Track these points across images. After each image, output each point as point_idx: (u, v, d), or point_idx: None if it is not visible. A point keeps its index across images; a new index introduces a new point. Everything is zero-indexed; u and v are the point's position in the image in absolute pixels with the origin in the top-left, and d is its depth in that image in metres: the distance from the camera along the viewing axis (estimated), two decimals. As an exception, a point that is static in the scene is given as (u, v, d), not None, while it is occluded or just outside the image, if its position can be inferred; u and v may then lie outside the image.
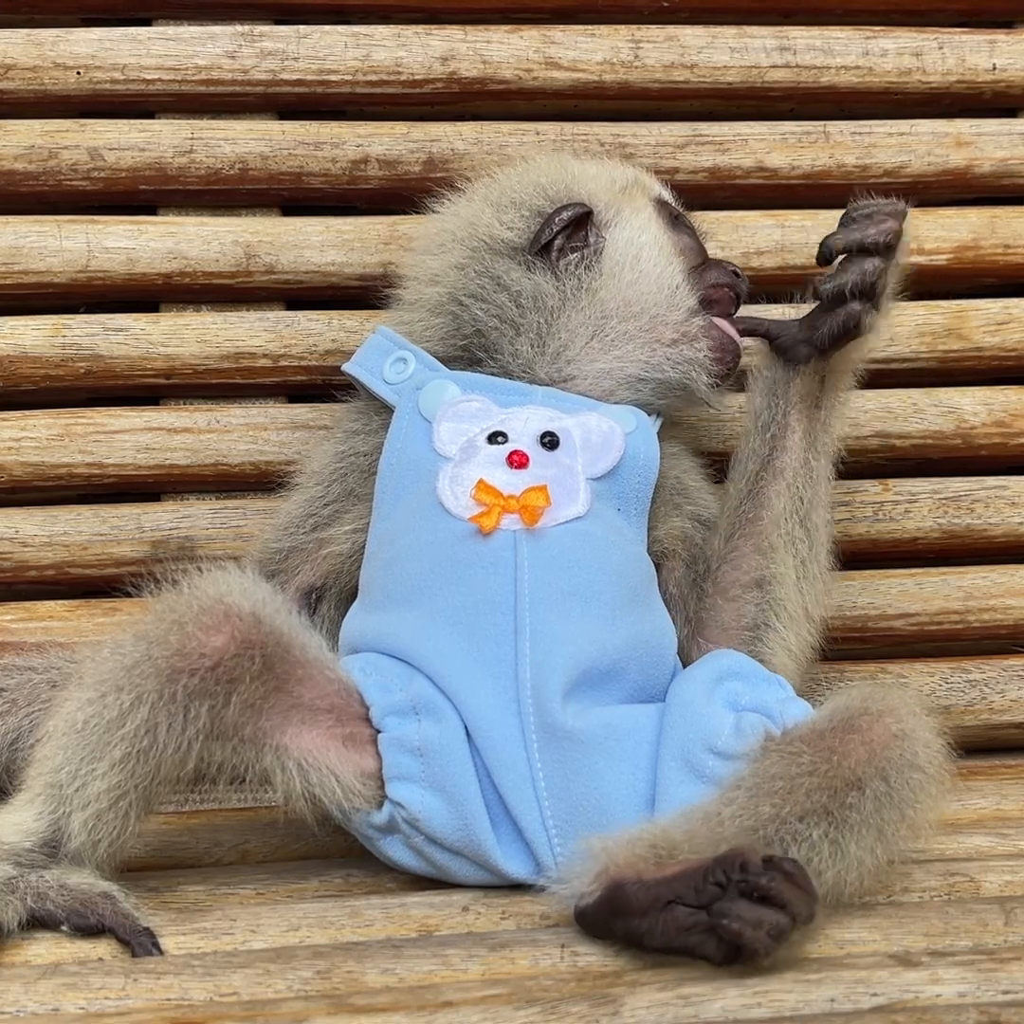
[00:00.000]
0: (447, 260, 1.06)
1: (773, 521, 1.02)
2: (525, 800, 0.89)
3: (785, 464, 1.03)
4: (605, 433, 1.00)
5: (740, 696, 0.92)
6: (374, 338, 1.07)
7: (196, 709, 0.85)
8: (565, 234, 1.04)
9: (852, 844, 0.83)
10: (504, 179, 1.09)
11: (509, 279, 1.04)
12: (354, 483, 1.04)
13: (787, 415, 1.03)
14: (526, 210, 1.05)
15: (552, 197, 1.06)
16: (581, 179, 1.08)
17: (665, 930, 0.79)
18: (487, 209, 1.07)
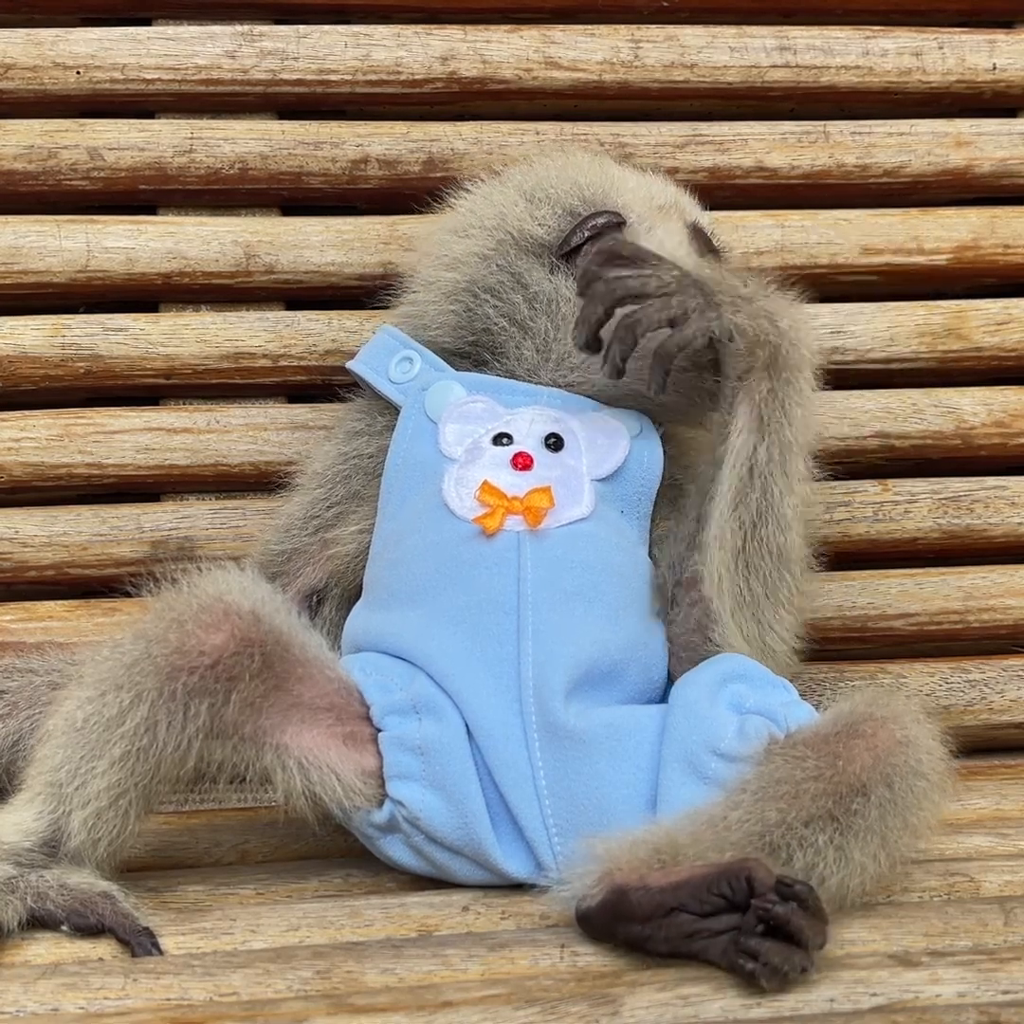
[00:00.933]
0: (471, 247, 1.05)
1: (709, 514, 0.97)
2: (526, 799, 0.89)
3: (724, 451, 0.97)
4: (610, 434, 1.00)
5: (744, 699, 0.92)
6: (380, 336, 1.07)
7: (196, 707, 0.85)
8: (594, 240, 1.02)
9: (857, 850, 0.83)
10: (542, 171, 1.07)
11: (529, 278, 1.03)
12: (358, 485, 1.04)
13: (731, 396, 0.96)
14: (560, 208, 1.04)
15: (588, 200, 1.04)
16: (620, 187, 1.06)
17: (668, 936, 0.79)
18: (520, 200, 1.05)
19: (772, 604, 0.97)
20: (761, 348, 0.95)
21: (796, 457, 0.97)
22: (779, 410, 0.96)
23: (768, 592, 0.97)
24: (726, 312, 0.94)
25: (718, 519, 0.96)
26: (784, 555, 0.97)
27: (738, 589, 0.96)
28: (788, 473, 0.97)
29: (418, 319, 1.06)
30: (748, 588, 0.97)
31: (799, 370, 0.97)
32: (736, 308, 0.94)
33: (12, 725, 0.98)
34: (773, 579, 0.97)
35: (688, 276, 0.95)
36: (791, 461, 0.97)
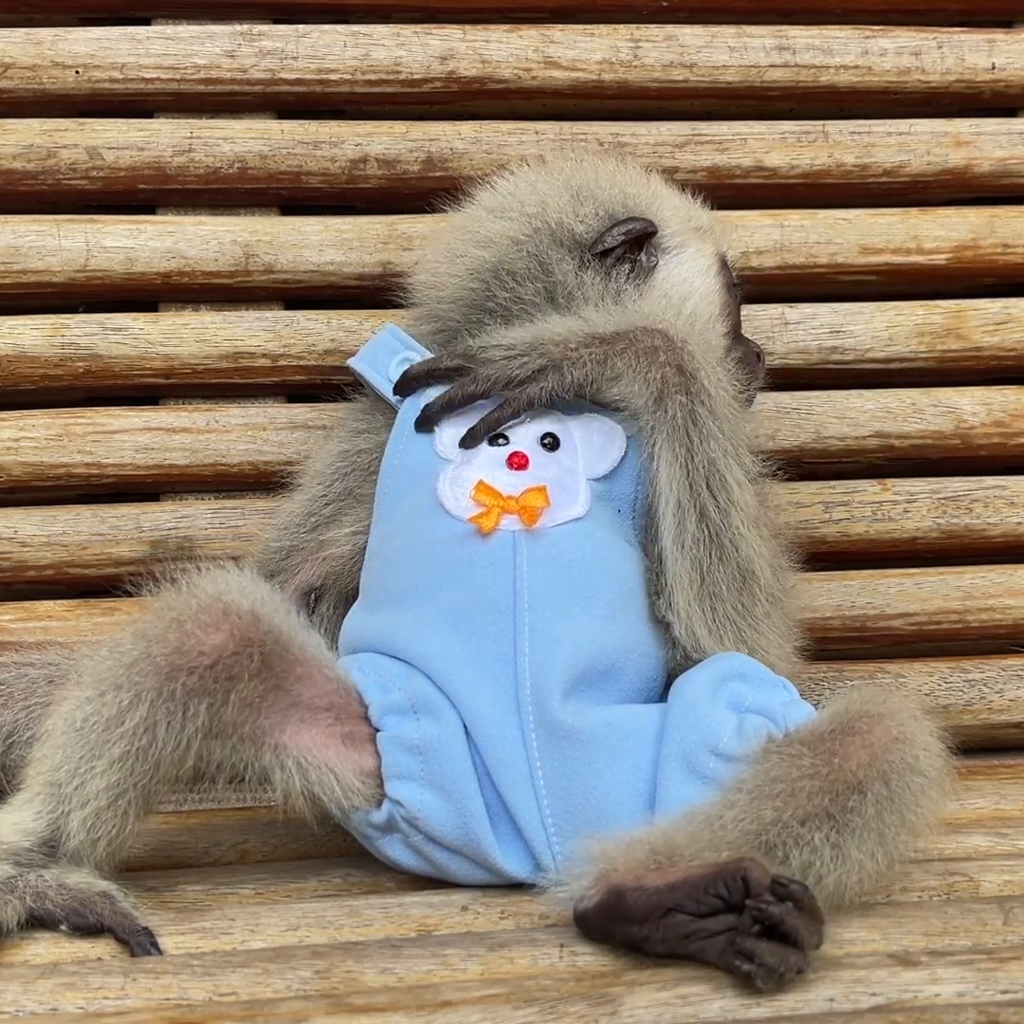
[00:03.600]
0: (506, 228, 1.05)
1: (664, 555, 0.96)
2: (524, 799, 0.89)
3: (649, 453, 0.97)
4: (607, 434, 1.00)
5: (743, 698, 0.92)
6: (382, 336, 1.07)
7: (195, 707, 0.85)
8: (626, 245, 1.03)
9: (853, 848, 0.83)
10: (591, 170, 1.08)
11: (557, 269, 1.03)
12: (354, 483, 1.04)
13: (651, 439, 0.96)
14: (603, 210, 1.04)
15: (630, 207, 1.05)
16: (663, 203, 1.07)
17: (665, 937, 0.79)
18: (565, 193, 1.05)
19: (751, 623, 0.96)
20: (641, 385, 0.95)
21: (729, 468, 0.96)
22: (692, 430, 0.95)
23: (742, 614, 0.96)
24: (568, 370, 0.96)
25: (671, 560, 0.95)
26: (747, 570, 0.96)
27: (711, 623, 0.95)
28: (726, 487, 0.95)
29: (435, 290, 1.06)
30: (722, 617, 0.95)
31: (696, 382, 0.96)
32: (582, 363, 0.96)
33: (7, 716, 0.97)
34: (743, 600, 0.96)
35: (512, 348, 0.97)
36: (725, 474, 0.95)
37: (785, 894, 0.76)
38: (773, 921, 0.75)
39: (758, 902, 0.76)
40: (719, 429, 0.95)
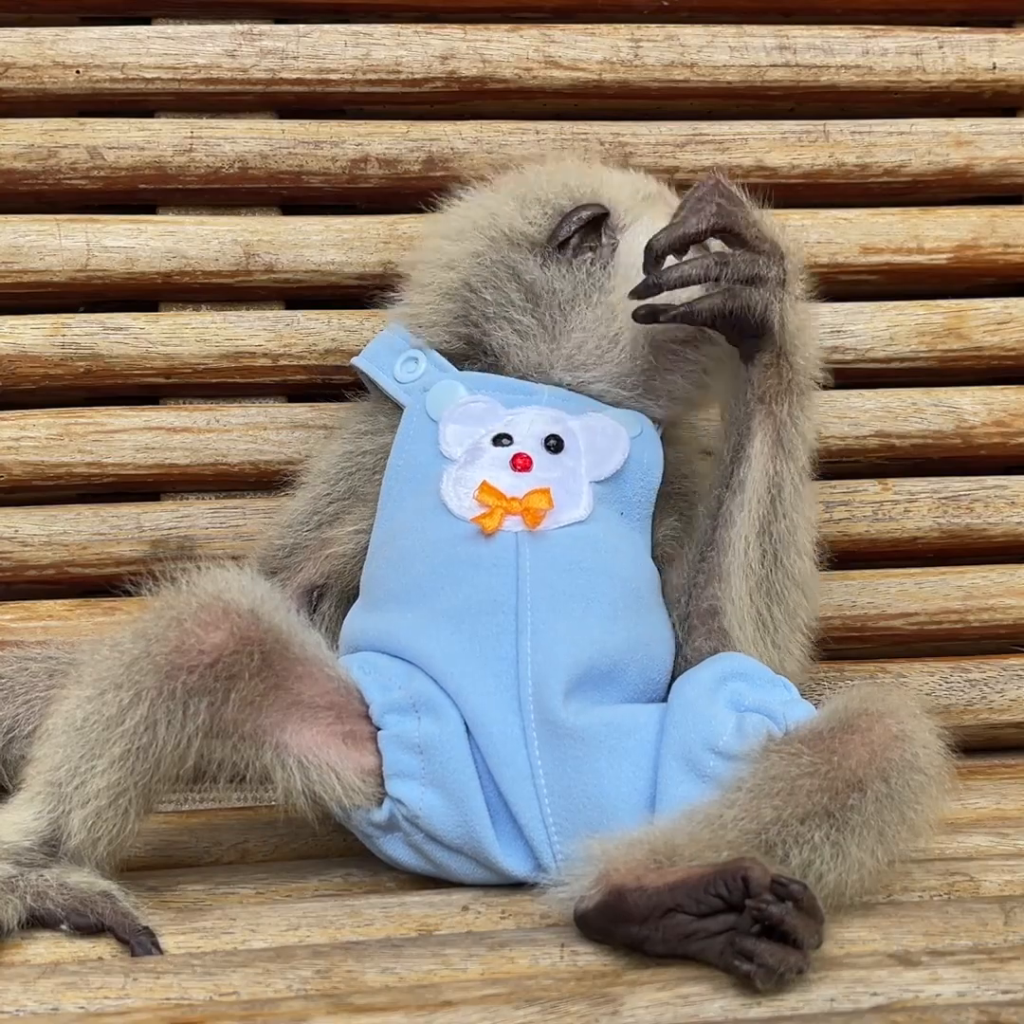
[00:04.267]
0: (465, 247, 1.06)
1: (730, 542, 0.98)
2: (525, 797, 0.89)
3: (746, 475, 0.98)
4: (610, 436, 1.00)
5: (743, 697, 0.92)
6: (387, 335, 1.07)
7: (195, 706, 0.85)
8: (581, 233, 1.04)
9: (853, 846, 0.83)
10: (532, 176, 1.09)
11: (523, 268, 1.03)
12: (358, 482, 1.04)
13: (749, 417, 0.98)
14: (550, 208, 1.05)
15: (576, 198, 1.06)
16: (607, 184, 1.08)
17: (666, 937, 0.79)
18: (511, 202, 1.06)
19: (791, 630, 0.99)
20: (787, 361, 0.97)
21: (808, 480, 0.99)
22: (798, 436, 0.98)
23: (788, 619, 0.98)
24: (788, 303, 0.95)
25: (742, 548, 0.97)
26: (803, 581, 0.98)
27: (760, 618, 0.98)
28: (804, 498, 0.98)
29: (415, 319, 1.06)
30: (771, 616, 0.98)
31: (811, 390, 0.99)
32: (794, 308, 0.96)
33: (8, 710, 0.97)
34: (794, 606, 0.98)
35: (778, 249, 0.96)
36: (807, 486, 0.99)
37: (785, 893, 0.76)
38: (773, 921, 0.75)
39: (758, 902, 0.76)
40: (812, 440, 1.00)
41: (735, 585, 0.98)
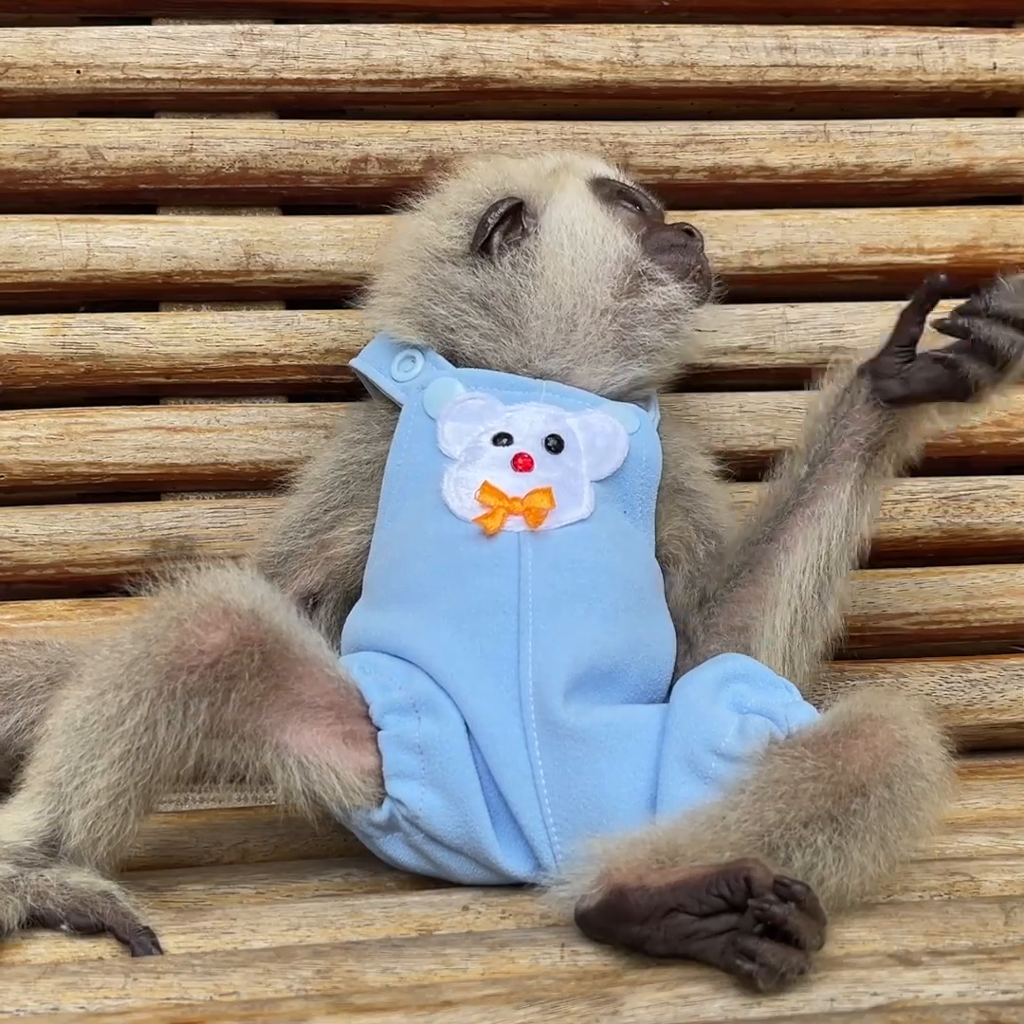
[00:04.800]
0: (403, 273, 1.08)
1: (789, 572, 1.00)
2: (525, 798, 0.89)
3: (824, 512, 1.00)
4: (609, 435, 1.00)
5: (745, 699, 0.92)
6: (384, 336, 1.07)
7: (195, 706, 0.85)
8: (502, 230, 1.05)
9: (856, 850, 0.83)
10: (446, 191, 1.10)
11: (458, 282, 1.05)
12: (356, 489, 1.04)
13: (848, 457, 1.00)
14: (464, 218, 1.07)
15: (487, 200, 1.06)
16: (512, 175, 1.09)
17: (667, 937, 0.79)
18: (430, 223, 1.08)
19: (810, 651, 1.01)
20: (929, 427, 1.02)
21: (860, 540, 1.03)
22: (878, 494, 1.02)
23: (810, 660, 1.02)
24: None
25: (799, 582, 1.00)
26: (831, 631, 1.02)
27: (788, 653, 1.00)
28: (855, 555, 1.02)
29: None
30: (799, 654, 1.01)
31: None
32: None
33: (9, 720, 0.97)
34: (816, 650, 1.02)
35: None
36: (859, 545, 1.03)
37: (788, 894, 0.76)
38: (776, 921, 0.75)
39: (761, 902, 0.76)
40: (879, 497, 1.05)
41: (779, 615, 1.00)
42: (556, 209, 1.05)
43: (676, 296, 1.04)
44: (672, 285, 1.04)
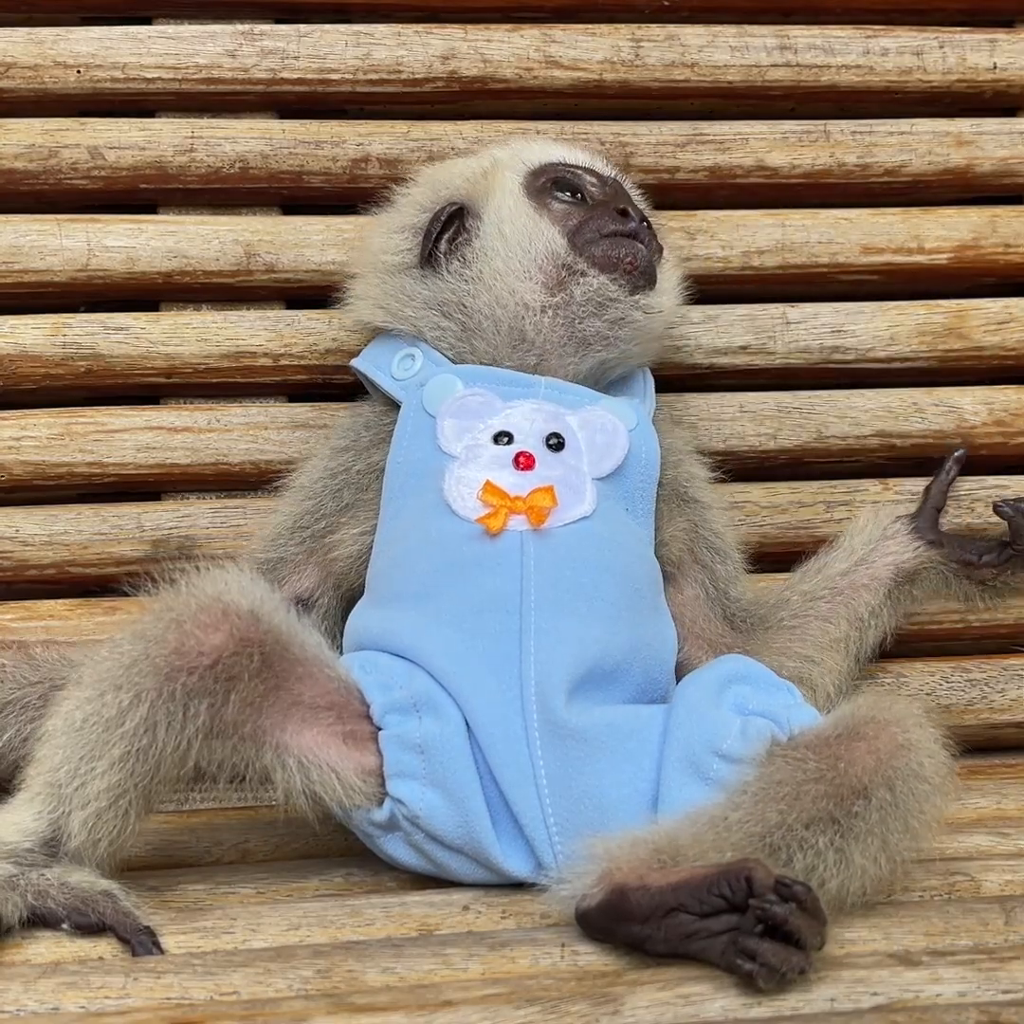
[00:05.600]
0: (365, 285, 1.09)
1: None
2: (526, 797, 0.89)
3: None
4: (609, 432, 1.00)
5: (748, 700, 0.92)
6: (384, 335, 1.08)
7: (195, 707, 0.85)
8: (447, 237, 1.05)
9: (857, 853, 0.83)
10: (397, 202, 1.11)
11: (412, 292, 1.05)
12: (350, 498, 1.05)
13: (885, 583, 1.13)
14: (410, 231, 1.07)
15: (429, 208, 1.07)
16: (453, 179, 1.09)
17: (668, 937, 0.79)
18: (382, 238, 1.09)
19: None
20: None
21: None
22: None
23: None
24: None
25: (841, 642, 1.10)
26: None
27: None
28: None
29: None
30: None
31: None
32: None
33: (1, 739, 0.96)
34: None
35: None
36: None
37: (789, 894, 0.76)
38: (777, 921, 0.75)
39: (762, 902, 0.76)
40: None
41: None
42: (490, 210, 1.05)
43: (605, 288, 1.03)
44: (599, 277, 1.03)
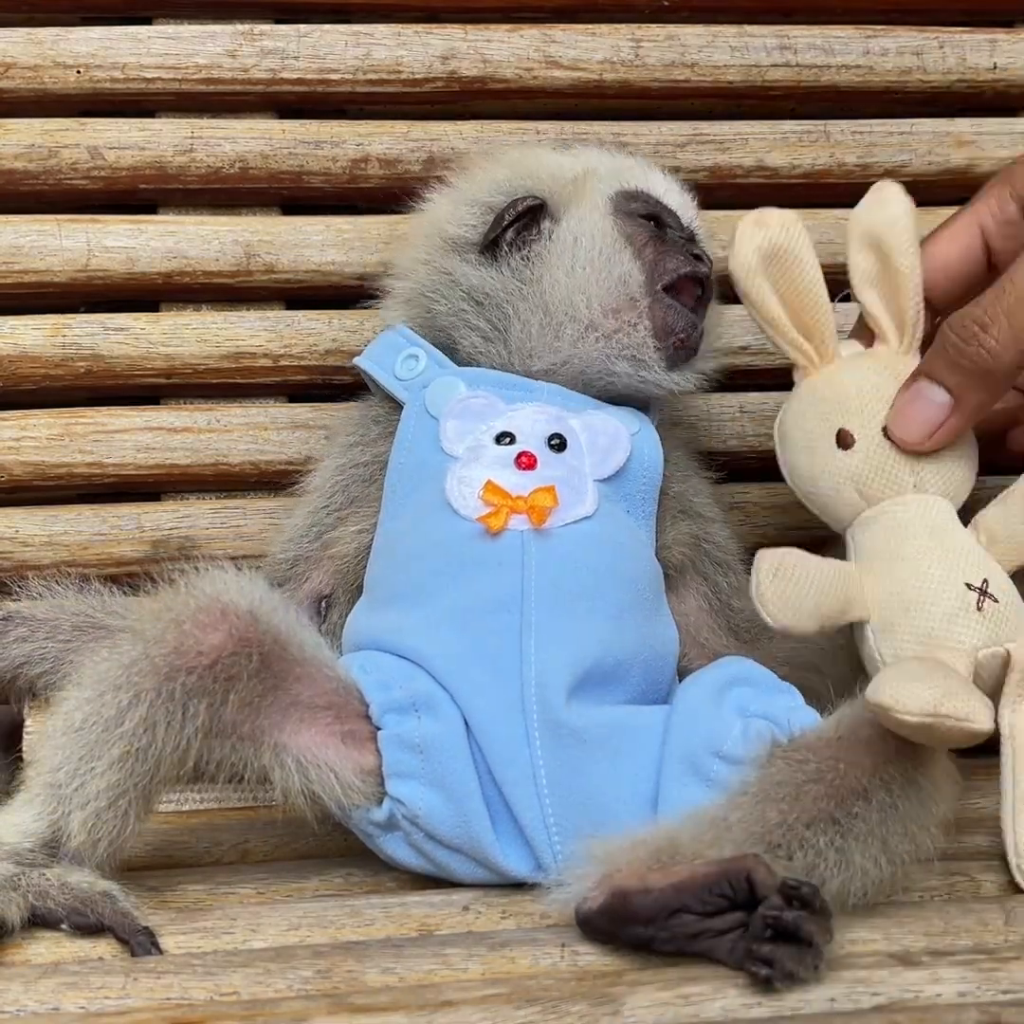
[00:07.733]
0: (415, 256, 1.07)
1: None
2: (526, 797, 0.89)
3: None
4: (611, 434, 1.00)
5: (749, 702, 0.92)
6: (387, 334, 1.08)
7: (194, 707, 0.85)
8: (517, 228, 1.04)
9: (857, 854, 0.83)
10: (470, 176, 1.09)
11: (461, 273, 1.04)
12: (356, 491, 1.04)
13: None
14: (480, 207, 1.06)
15: (507, 192, 1.05)
16: (537, 172, 1.07)
17: (673, 937, 0.79)
18: (448, 207, 1.07)
19: None
20: None
21: None
22: None
23: None
24: None
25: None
26: None
27: None
28: None
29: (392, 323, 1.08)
30: None
31: None
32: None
33: (25, 649, 0.99)
34: None
35: None
36: None
37: (796, 896, 0.76)
38: (789, 930, 0.75)
39: (770, 910, 0.75)
40: None
41: None
42: (571, 218, 1.04)
43: (646, 349, 1.02)
44: (649, 336, 1.02)
